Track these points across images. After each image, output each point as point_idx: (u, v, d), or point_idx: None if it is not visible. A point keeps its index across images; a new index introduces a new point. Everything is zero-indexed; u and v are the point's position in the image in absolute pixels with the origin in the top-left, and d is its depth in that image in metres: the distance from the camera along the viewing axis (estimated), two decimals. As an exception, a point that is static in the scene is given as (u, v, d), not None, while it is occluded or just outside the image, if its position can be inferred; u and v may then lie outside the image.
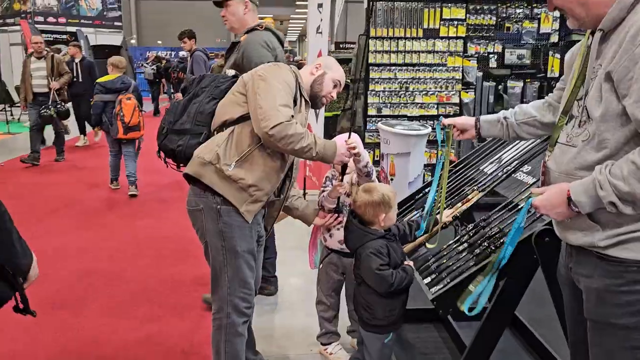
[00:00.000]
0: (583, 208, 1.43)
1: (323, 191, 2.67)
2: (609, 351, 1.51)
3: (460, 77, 5.66)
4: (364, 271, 2.23)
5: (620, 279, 1.44)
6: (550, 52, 5.62)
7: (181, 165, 2.36)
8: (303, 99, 2.30)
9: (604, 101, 1.41)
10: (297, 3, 25.99)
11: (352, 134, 2.44)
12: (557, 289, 1.92)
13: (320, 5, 4.74)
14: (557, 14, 5.57)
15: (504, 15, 5.59)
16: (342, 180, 2.50)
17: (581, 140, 1.48)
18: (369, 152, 5.15)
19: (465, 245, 2.24)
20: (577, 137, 1.50)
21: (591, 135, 1.45)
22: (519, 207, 2.24)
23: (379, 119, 5.65)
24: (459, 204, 2.57)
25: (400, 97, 5.67)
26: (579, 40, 1.63)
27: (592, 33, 1.52)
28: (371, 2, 5.38)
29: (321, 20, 4.80)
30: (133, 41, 23.67)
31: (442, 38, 5.58)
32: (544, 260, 1.95)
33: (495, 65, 5.69)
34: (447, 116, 5.70)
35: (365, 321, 2.32)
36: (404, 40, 5.55)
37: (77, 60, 8.87)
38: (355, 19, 17.87)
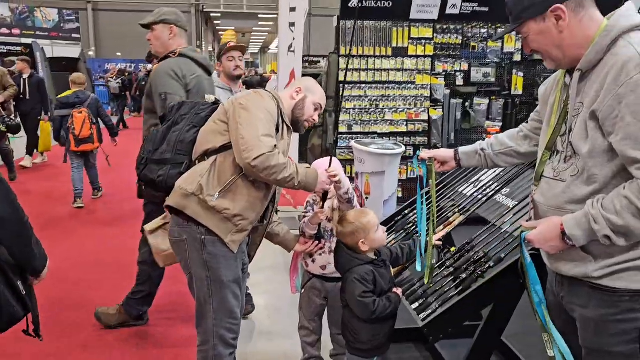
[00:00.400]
0: (577, 241, 1.47)
1: (304, 216, 2.66)
2: None
3: (429, 95, 5.77)
4: (347, 296, 2.23)
5: (615, 308, 1.50)
6: (514, 71, 5.80)
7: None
8: (285, 125, 2.28)
9: (590, 138, 1.46)
10: (260, 16, 26.02)
11: (333, 160, 2.44)
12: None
13: (292, 25, 4.75)
14: (519, 34, 5.76)
15: (470, 34, 5.74)
16: (323, 206, 2.50)
17: (569, 175, 1.54)
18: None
19: (451, 269, 2.27)
20: (564, 172, 1.56)
21: (580, 170, 1.51)
22: (502, 230, 2.28)
23: (350, 136, 5.70)
24: (441, 227, 2.60)
25: (370, 114, 5.73)
26: (541, 60, 1.69)
27: (568, 71, 1.59)
28: (341, 21, 5.45)
29: (294, 39, 4.81)
30: (91, 53, 23.12)
31: (410, 56, 5.68)
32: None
33: (462, 83, 5.82)
34: (416, 133, 5.86)
35: (350, 344, 2.31)
36: (373, 59, 5.63)
37: (25, 76, 8.27)
38: (320, 32, 17.98)
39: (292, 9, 4.58)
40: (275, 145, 2.09)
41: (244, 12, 26.10)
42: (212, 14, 27.29)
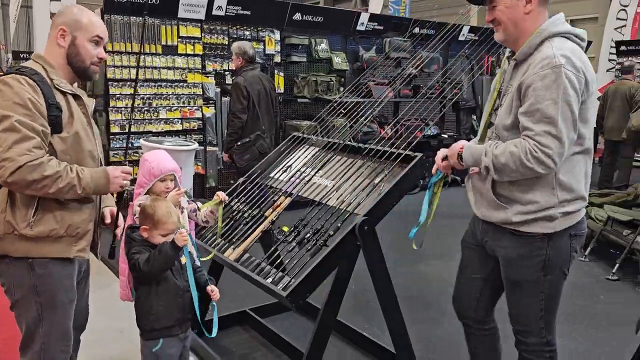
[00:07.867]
0: (466, 163, 2.00)
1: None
2: (525, 298, 2.06)
3: (201, 93, 5.90)
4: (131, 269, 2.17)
5: (529, 247, 2.01)
6: (276, 71, 6.34)
7: None
8: (68, 96, 1.92)
9: (512, 114, 1.93)
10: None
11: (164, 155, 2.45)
12: (379, 269, 2.41)
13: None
14: (277, 37, 6.34)
15: (235, 36, 6.05)
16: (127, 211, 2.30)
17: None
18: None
19: (294, 244, 2.54)
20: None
21: (503, 140, 1.96)
22: (330, 206, 2.63)
23: (124, 136, 5.45)
24: (270, 210, 2.84)
25: (144, 113, 5.57)
26: (297, 62, 2.10)
27: (508, 59, 2.05)
28: (106, 15, 5.16)
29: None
30: None
31: (181, 55, 5.71)
32: (365, 244, 2.40)
33: (230, 82, 6.09)
34: (191, 131, 5.92)
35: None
36: (143, 56, 5.48)
37: None
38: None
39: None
40: (53, 148, 1.83)
41: None
42: None
